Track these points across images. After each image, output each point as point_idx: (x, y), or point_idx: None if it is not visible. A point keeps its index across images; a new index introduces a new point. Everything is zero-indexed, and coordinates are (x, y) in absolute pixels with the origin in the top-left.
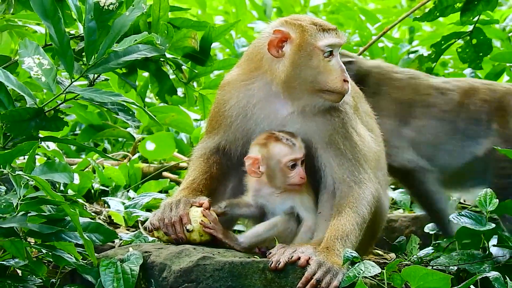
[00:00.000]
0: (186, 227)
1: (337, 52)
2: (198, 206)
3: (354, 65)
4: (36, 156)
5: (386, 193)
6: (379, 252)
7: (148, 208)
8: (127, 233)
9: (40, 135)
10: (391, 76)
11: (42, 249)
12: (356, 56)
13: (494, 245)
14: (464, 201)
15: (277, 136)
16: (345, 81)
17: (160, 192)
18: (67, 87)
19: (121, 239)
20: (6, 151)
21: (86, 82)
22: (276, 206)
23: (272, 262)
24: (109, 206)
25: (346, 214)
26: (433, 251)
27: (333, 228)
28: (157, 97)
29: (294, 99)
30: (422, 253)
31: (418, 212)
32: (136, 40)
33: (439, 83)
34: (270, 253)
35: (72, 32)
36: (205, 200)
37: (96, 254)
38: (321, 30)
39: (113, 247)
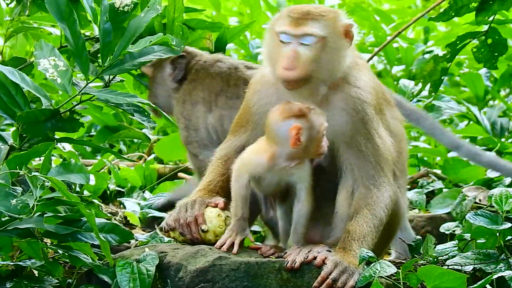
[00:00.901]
0: (201, 227)
1: (295, 41)
2: (214, 207)
3: (185, 59)
4: (52, 157)
5: (405, 197)
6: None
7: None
8: (143, 234)
9: (56, 136)
10: (212, 65)
11: (58, 250)
12: (192, 50)
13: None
14: (480, 200)
15: (308, 106)
16: (286, 69)
17: None
18: (82, 88)
19: (137, 240)
20: (22, 152)
21: (101, 83)
22: (282, 180)
23: (288, 262)
24: (124, 207)
25: (364, 216)
26: (449, 248)
27: (351, 229)
28: None
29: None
30: (439, 248)
31: (434, 212)
32: (151, 41)
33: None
34: (286, 252)
35: (87, 33)
36: (220, 201)
37: (112, 255)
38: (285, 16)
39: (129, 247)
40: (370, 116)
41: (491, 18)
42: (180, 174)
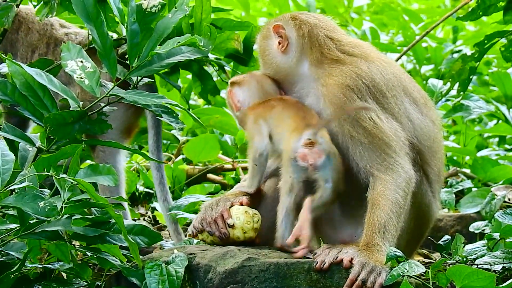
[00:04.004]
0: (227, 222)
1: None
2: (239, 205)
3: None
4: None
5: (438, 202)
6: (424, 251)
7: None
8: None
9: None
10: (33, 19)
11: (87, 252)
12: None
13: None
14: (509, 199)
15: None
16: None
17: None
18: (110, 90)
19: (166, 241)
20: (50, 154)
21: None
22: None
23: (317, 263)
24: (153, 210)
25: (379, 205)
26: (478, 247)
27: (369, 222)
28: (199, 97)
29: None
30: (468, 247)
31: (463, 211)
32: (179, 42)
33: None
34: (315, 253)
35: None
36: (244, 198)
37: (141, 256)
38: None
39: (161, 248)
40: (351, 100)
41: None
42: (209, 175)
